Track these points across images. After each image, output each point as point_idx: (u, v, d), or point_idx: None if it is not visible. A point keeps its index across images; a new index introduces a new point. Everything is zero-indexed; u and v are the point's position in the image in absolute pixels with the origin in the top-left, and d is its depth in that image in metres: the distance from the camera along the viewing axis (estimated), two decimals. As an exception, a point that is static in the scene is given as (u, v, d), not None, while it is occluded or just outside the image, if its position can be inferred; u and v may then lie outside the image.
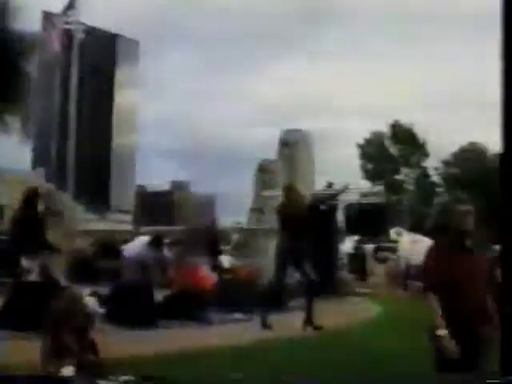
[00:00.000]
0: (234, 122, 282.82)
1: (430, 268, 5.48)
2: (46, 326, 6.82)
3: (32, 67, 35.88)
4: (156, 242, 16.49)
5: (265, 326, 12.22)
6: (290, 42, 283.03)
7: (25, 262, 11.79)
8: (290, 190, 13.07)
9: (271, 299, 12.92)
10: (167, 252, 17.99)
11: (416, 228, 29.81)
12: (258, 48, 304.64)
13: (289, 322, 12.77)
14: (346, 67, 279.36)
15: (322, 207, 19.46)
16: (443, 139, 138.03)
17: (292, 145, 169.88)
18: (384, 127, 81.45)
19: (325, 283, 14.74)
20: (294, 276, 13.25)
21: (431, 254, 5.54)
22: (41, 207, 12.82)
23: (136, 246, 16.87)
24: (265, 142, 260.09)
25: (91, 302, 6.77)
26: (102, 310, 6.50)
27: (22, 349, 7.84)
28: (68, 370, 6.22)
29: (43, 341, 6.79)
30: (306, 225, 12.64)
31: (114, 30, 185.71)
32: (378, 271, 25.91)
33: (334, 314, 13.72)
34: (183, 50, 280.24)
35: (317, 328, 12.15)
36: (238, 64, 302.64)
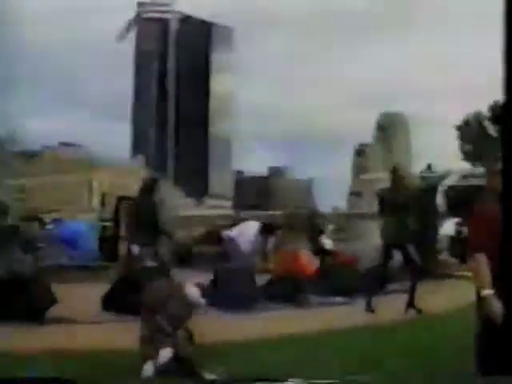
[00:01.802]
0: (328, 106, 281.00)
1: (475, 228, 5.34)
2: (144, 311, 6.98)
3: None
4: (267, 229, 16.53)
5: (368, 309, 12.19)
6: (383, 27, 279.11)
7: (138, 249, 12.10)
8: (397, 172, 12.85)
9: (374, 282, 12.88)
10: (270, 237, 18.12)
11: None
12: (351, 32, 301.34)
13: (391, 306, 12.71)
14: (440, 50, 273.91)
15: (423, 189, 19.25)
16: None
17: (388, 128, 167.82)
18: (483, 108, 79.84)
19: (427, 266, 14.58)
20: (395, 259, 13.14)
21: (477, 213, 5.40)
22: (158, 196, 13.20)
23: (246, 230, 16.75)
24: (361, 126, 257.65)
25: (195, 293, 6.85)
26: (204, 302, 6.57)
27: (129, 332, 8.04)
28: (165, 353, 6.33)
29: (142, 325, 6.95)
30: (412, 207, 12.55)
31: (208, 18, 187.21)
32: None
33: (435, 297, 13.58)
34: (277, 36, 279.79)
35: (418, 311, 12.06)
36: (331, 49, 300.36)
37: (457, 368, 6.80)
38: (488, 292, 4.95)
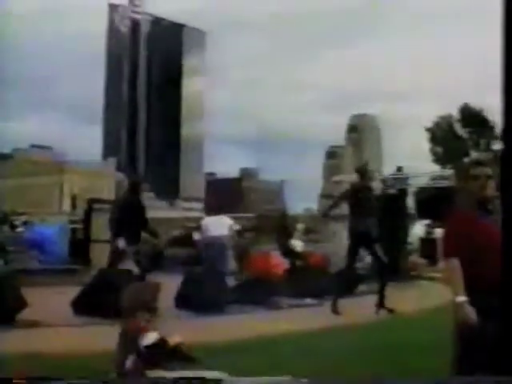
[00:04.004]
0: (300, 108, 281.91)
1: (450, 233, 5.39)
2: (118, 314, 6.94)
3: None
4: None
5: (334, 311, 12.25)
6: (356, 28, 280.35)
7: (124, 243, 12.18)
8: (362, 172, 12.94)
9: (342, 284, 12.94)
10: (240, 238, 18.09)
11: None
12: (324, 34, 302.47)
13: (359, 307, 12.79)
14: (411, 52, 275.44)
15: (393, 191, 19.38)
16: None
17: (360, 129, 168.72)
18: (453, 110, 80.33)
19: (396, 268, 14.69)
20: (363, 260, 13.23)
21: (452, 219, 5.45)
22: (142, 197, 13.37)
23: (221, 220, 16.37)
24: (332, 127, 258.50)
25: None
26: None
27: (101, 335, 8.02)
28: (151, 336, 6.30)
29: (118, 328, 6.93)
30: (378, 208, 12.62)
31: (180, 20, 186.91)
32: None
33: (404, 298, 13.69)
34: (248, 38, 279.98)
35: (389, 311, 12.15)
36: (304, 51, 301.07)
37: (427, 367, 6.89)
38: (461, 299, 5.03)
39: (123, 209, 12.82)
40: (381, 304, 12.30)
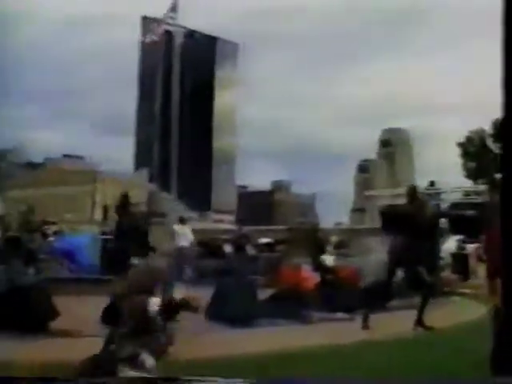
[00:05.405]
0: (333, 122, 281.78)
1: (489, 254, 5.32)
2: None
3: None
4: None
5: (365, 326, 12.16)
6: (389, 42, 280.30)
7: (133, 262, 12.20)
8: (412, 191, 13.04)
9: (375, 299, 12.85)
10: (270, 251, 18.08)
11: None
12: (356, 48, 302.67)
13: (390, 323, 12.67)
14: (443, 66, 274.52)
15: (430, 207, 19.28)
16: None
17: (392, 144, 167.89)
18: (485, 125, 79.80)
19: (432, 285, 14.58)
20: (397, 276, 13.12)
21: (489, 239, 5.37)
22: (137, 210, 13.42)
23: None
24: (364, 141, 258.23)
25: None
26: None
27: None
28: (155, 300, 6.27)
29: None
30: (428, 226, 12.64)
31: (214, 33, 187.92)
32: (481, 271, 25.38)
33: (437, 314, 13.54)
34: (281, 51, 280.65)
35: (428, 329, 12.05)
36: (336, 65, 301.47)
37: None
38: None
39: (119, 226, 12.93)
40: (419, 321, 12.21)
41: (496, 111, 3.20)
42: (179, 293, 7.60)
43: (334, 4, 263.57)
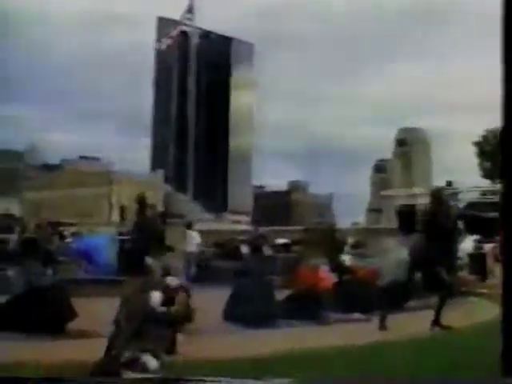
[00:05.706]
0: (349, 122, 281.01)
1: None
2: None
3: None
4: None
5: (382, 326, 12.15)
6: (406, 42, 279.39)
7: (150, 263, 12.24)
8: (438, 194, 13.15)
9: (392, 299, 12.84)
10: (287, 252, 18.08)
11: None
12: (373, 48, 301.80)
13: (409, 323, 12.64)
14: (459, 65, 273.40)
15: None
16: None
17: (408, 144, 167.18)
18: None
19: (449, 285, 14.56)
20: (416, 276, 13.11)
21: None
22: (154, 211, 13.50)
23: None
24: (380, 141, 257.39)
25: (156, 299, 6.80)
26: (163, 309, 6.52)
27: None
28: (155, 295, 6.33)
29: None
30: (451, 228, 12.71)
31: (229, 33, 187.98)
32: (498, 271, 25.26)
33: (454, 315, 13.50)
34: (298, 51, 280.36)
35: (445, 328, 12.03)
36: (353, 64, 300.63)
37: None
38: None
39: (136, 227, 13.03)
40: (436, 321, 12.19)
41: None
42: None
43: (350, 3, 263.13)
